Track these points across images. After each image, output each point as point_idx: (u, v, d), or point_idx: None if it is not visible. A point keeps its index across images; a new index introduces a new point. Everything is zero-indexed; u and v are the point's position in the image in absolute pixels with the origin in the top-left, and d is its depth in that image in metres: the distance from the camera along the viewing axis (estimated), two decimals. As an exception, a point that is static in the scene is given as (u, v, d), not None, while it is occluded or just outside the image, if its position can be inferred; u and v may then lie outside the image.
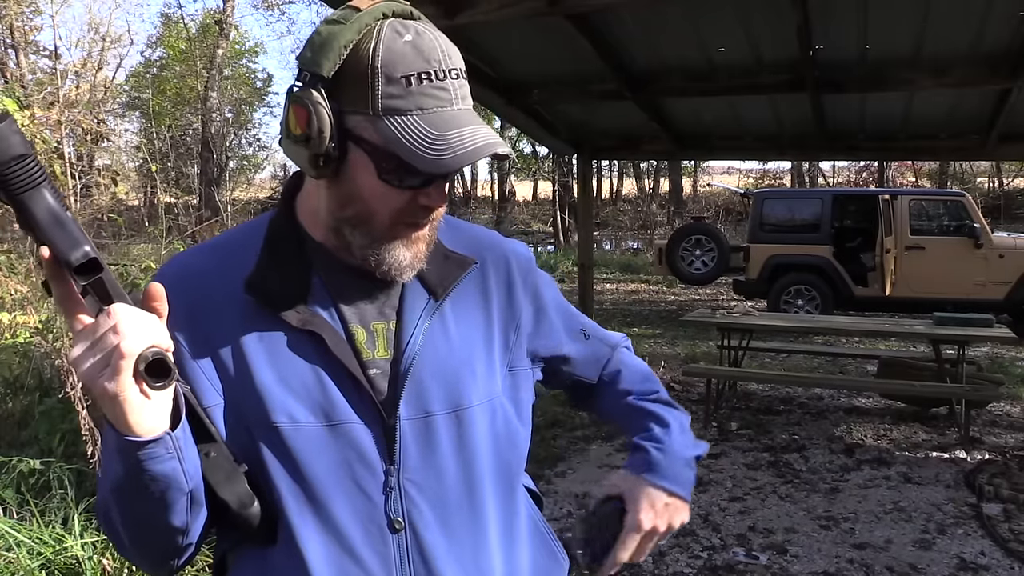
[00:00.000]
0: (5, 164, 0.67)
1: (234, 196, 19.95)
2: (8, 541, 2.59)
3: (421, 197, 0.85)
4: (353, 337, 0.90)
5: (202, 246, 0.99)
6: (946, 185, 23.45)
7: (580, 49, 4.54)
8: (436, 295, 0.94)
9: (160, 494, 0.75)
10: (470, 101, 0.86)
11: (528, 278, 1.05)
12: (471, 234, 1.05)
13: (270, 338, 0.88)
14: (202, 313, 0.88)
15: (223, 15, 21.63)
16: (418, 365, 0.90)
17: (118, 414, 0.70)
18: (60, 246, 0.69)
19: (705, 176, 33.26)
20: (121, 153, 15.91)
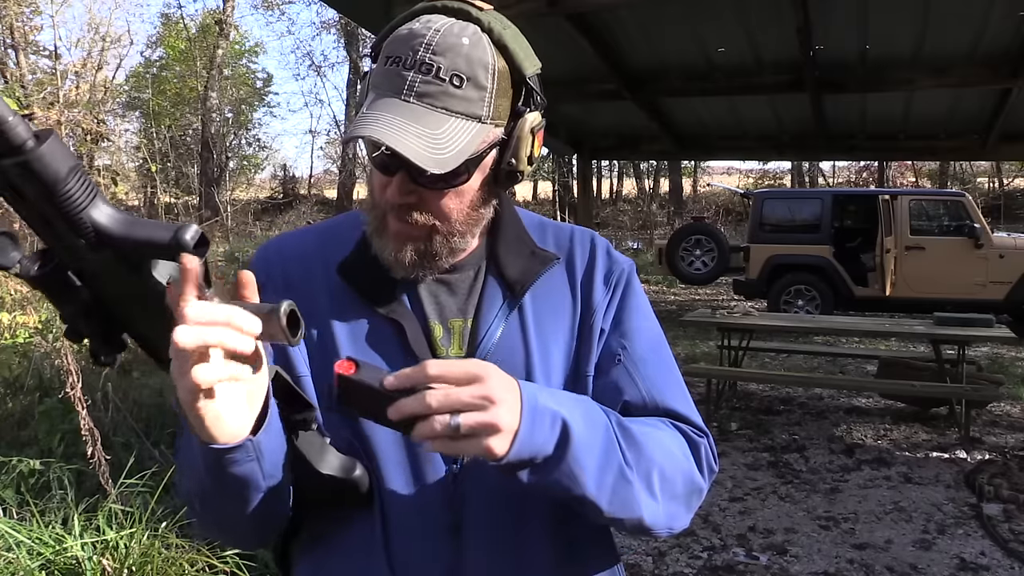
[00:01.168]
0: (66, 177, 0.60)
1: (234, 196, 19.98)
2: (8, 541, 2.59)
3: (388, 188, 0.85)
4: (431, 333, 0.91)
5: (308, 228, 1.03)
6: (946, 185, 23.46)
7: (580, 49, 4.54)
8: (515, 292, 0.93)
9: (237, 492, 0.76)
10: (438, 101, 0.81)
11: (610, 279, 0.98)
12: (562, 231, 1.02)
13: (356, 322, 0.90)
14: (298, 287, 0.91)
15: (223, 15, 21.65)
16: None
17: (196, 421, 0.67)
18: (159, 235, 0.63)
19: (705, 176, 33.27)
20: (121, 153, 15.89)
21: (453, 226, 0.88)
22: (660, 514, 0.86)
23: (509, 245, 0.95)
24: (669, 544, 3.51)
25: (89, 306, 0.68)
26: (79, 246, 0.63)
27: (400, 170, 0.83)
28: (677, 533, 0.92)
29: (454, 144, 0.81)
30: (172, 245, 0.62)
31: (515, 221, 0.99)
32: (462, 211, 0.88)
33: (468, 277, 0.94)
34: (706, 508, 3.92)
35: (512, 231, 0.97)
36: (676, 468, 0.88)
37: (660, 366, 0.97)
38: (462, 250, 0.92)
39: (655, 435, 0.88)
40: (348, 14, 6.03)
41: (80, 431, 2.94)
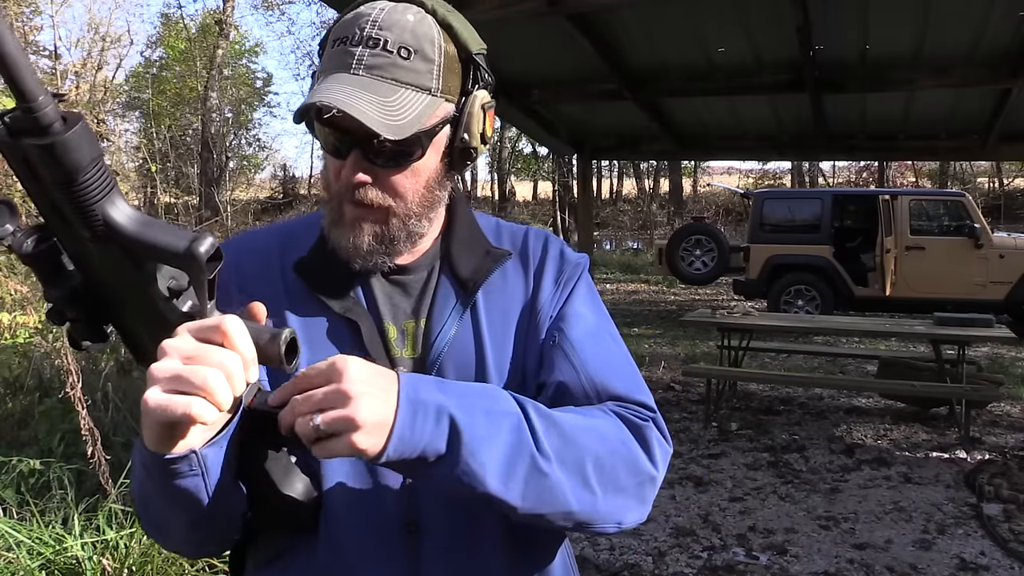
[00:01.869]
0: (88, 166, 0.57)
1: (234, 196, 19.95)
2: (8, 541, 2.59)
3: (343, 171, 0.85)
4: (385, 334, 0.91)
5: (269, 227, 1.02)
6: (946, 185, 23.46)
7: (580, 49, 4.54)
8: (467, 290, 0.93)
9: (178, 503, 0.74)
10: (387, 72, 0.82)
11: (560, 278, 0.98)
12: (517, 231, 1.03)
13: (313, 321, 0.89)
14: (256, 289, 0.90)
15: (223, 15, 21.64)
16: (444, 364, 0.90)
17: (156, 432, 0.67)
18: (174, 242, 0.60)
19: (705, 176, 33.27)
20: (121, 153, 15.89)
21: (409, 207, 0.88)
22: (600, 507, 0.81)
23: (463, 244, 0.96)
24: (669, 544, 3.51)
25: (78, 292, 0.66)
26: (83, 236, 0.62)
27: (354, 150, 0.83)
28: (631, 527, 0.87)
29: (406, 113, 0.82)
30: (186, 256, 0.60)
31: (469, 221, 0.99)
32: (417, 191, 0.88)
33: (421, 278, 0.94)
34: (706, 508, 3.92)
35: (466, 231, 0.97)
36: (615, 457, 0.83)
37: (598, 349, 0.93)
38: (419, 235, 0.91)
39: (588, 423, 0.83)
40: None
41: (80, 431, 2.94)
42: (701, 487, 4.21)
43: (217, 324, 0.64)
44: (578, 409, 0.86)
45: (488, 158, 27.26)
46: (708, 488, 4.20)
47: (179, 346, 0.64)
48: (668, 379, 6.73)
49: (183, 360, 0.63)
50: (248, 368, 0.66)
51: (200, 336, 0.64)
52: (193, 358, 0.63)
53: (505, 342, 0.93)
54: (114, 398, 4.06)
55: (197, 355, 0.63)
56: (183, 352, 0.63)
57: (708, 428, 5.29)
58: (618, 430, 0.86)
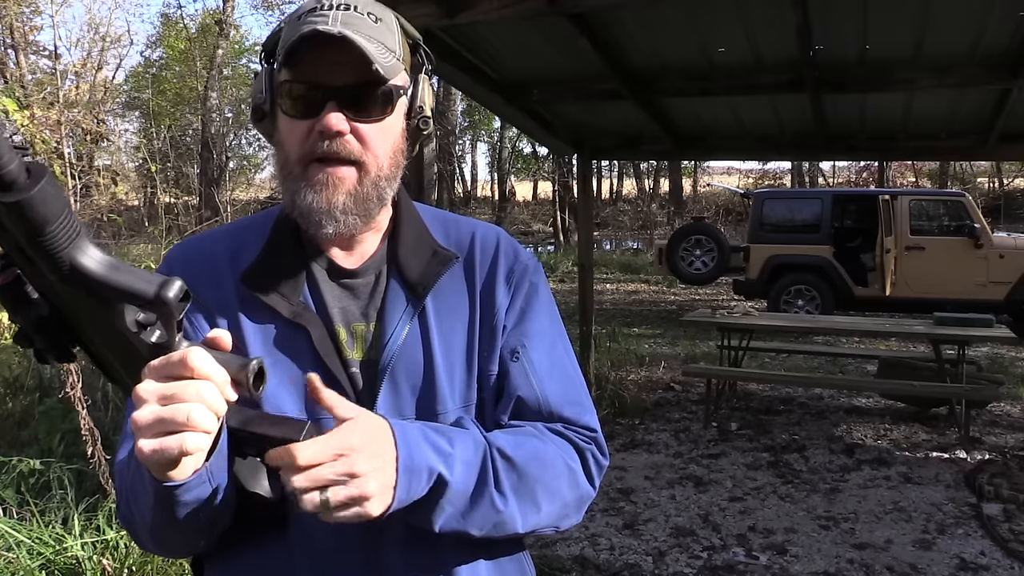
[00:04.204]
0: (55, 218, 0.58)
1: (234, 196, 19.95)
2: (8, 541, 2.59)
3: (316, 125, 0.86)
4: (336, 336, 0.92)
5: (216, 230, 1.02)
6: (946, 185, 23.45)
7: (580, 49, 4.54)
8: (416, 293, 0.93)
9: (191, 514, 0.77)
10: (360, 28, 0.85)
11: (512, 277, 0.99)
12: (465, 227, 1.02)
13: (264, 328, 0.90)
14: (206, 298, 0.91)
15: (223, 15, 21.64)
16: (395, 368, 0.91)
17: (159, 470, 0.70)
18: (143, 287, 0.62)
19: (705, 176, 33.27)
20: (121, 153, 15.89)
21: (380, 165, 0.90)
22: (543, 520, 0.92)
23: (409, 246, 0.96)
24: (669, 544, 3.51)
25: (44, 321, 0.67)
26: (51, 277, 0.62)
27: (329, 102, 0.86)
28: (566, 529, 0.97)
29: (385, 60, 0.86)
30: (155, 302, 0.62)
31: (414, 219, 1.00)
32: (386, 151, 0.90)
33: (370, 281, 0.95)
34: (706, 508, 3.92)
35: (412, 231, 0.98)
36: (560, 479, 0.93)
37: (554, 370, 0.99)
38: (384, 202, 0.93)
39: (540, 454, 0.91)
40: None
41: (80, 431, 2.95)
42: (701, 487, 4.21)
43: (183, 359, 0.65)
44: (533, 430, 0.94)
45: (488, 158, 27.23)
46: (708, 488, 4.20)
47: (152, 389, 0.65)
48: (668, 379, 6.73)
49: (160, 402, 0.65)
50: (224, 390, 0.67)
51: (168, 374, 0.66)
52: (170, 397, 0.65)
53: (454, 344, 0.95)
54: (114, 398, 4.06)
55: (174, 394, 0.65)
56: (158, 394, 0.65)
57: (708, 428, 5.29)
58: (564, 454, 0.94)
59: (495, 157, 27.13)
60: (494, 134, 29.82)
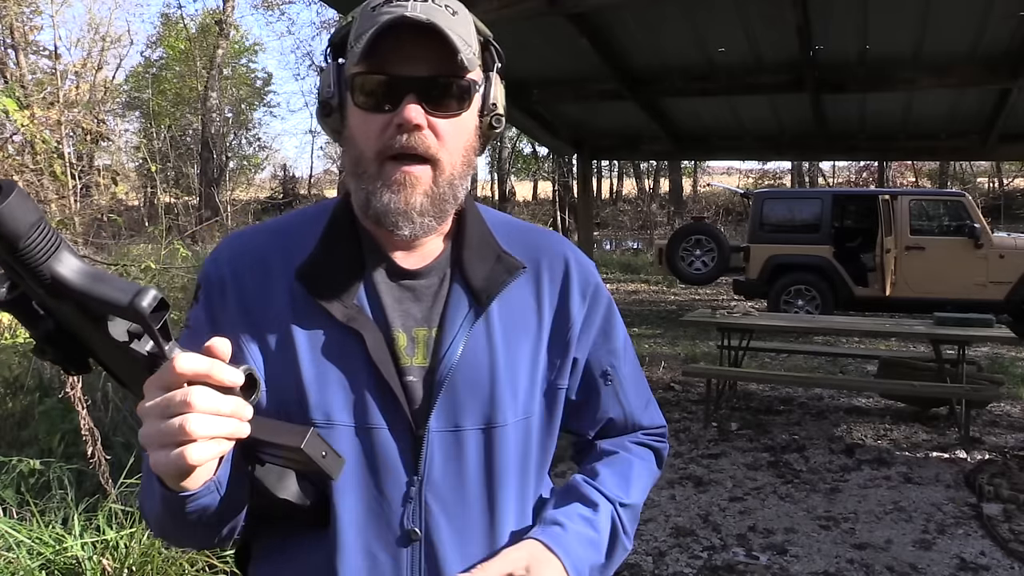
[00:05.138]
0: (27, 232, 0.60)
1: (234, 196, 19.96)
2: (8, 541, 2.59)
3: (394, 119, 0.83)
4: (394, 342, 0.88)
5: (264, 227, 0.98)
6: (946, 185, 23.45)
7: (580, 49, 4.54)
8: (480, 301, 0.90)
9: (197, 518, 0.77)
10: (442, 21, 0.82)
11: (587, 291, 0.99)
12: (531, 235, 1.00)
13: (316, 331, 0.87)
14: (254, 298, 0.89)
15: (223, 15, 21.64)
16: (454, 377, 0.88)
17: (169, 481, 0.71)
18: (117, 297, 0.63)
19: (705, 176, 33.27)
20: (121, 153, 15.89)
21: (455, 163, 0.87)
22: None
23: (474, 250, 0.94)
24: (669, 544, 3.51)
25: (52, 334, 0.69)
26: (38, 292, 0.64)
27: (407, 95, 0.83)
28: None
29: (464, 51, 0.83)
30: (129, 310, 0.63)
31: (479, 222, 0.97)
32: (460, 148, 0.88)
33: (433, 283, 0.92)
34: (706, 508, 3.92)
35: (476, 234, 0.95)
36: (643, 496, 1.03)
37: (638, 383, 1.04)
38: (456, 203, 0.90)
39: (643, 485, 1.03)
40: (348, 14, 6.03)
41: (80, 431, 2.94)
42: (701, 487, 4.21)
43: (170, 367, 0.65)
44: (627, 455, 1.03)
45: (488, 158, 27.25)
46: (708, 488, 4.20)
47: (150, 406, 0.66)
48: (668, 379, 6.73)
49: (161, 417, 0.65)
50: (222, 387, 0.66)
51: (162, 385, 0.66)
52: (166, 410, 0.65)
53: (518, 354, 0.93)
54: (114, 398, 4.06)
55: (167, 406, 0.65)
56: (158, 410, 0.65)
57: (708, 428, 5.29)
58: (649, 467, 1.05)
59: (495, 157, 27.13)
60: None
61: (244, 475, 0.81)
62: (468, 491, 0.89)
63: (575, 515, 0.92)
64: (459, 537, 0.88)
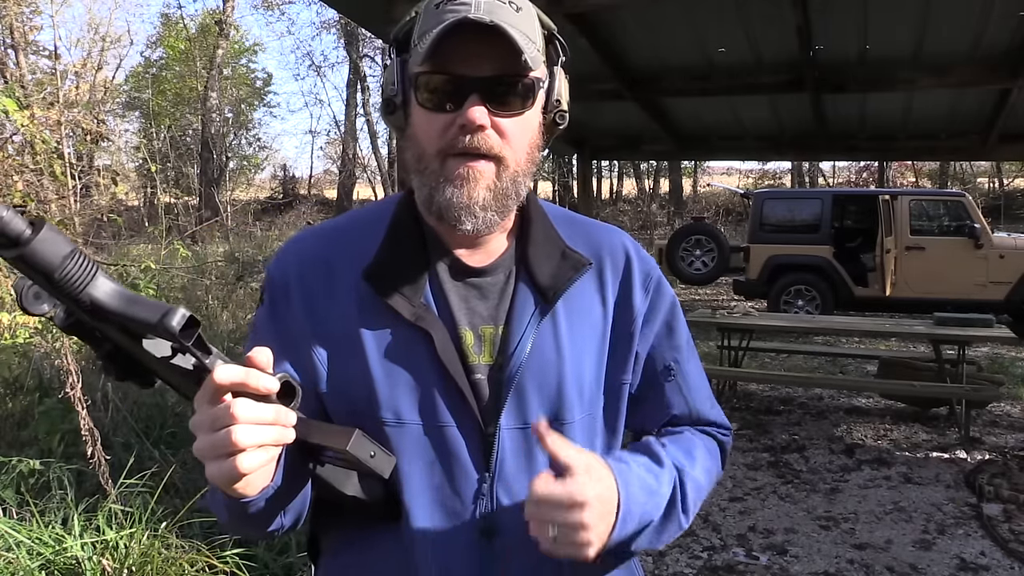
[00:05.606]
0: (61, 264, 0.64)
1: (234, 196, 19.98)
2: (8, 541, 2.59)
3: (458, 119, 0.83)
4: (461, 340, 0.89)
5: (325, 227, 0.98)
6: (946, 185, 23.45)
7: (580, 49, 4.54)
8: (547, 298, 0.91)
9: (259, 516, 0.80)
10: (504, 16, 0.82)
11: (649, 284, 0.99)
12: (592, 230, 1.00)
13: (383, 330, 0.88)
14: (319, 300, 0.89)
15: (223, 15, 21.64)
16: (523, 375, 0.88)
17: (228, 490, 0.72)
18: (148, 317, 0.66)
19: (705, 176, 33.25)
20: (121, 153, 15.90)
21: (520, 160, 0.88)
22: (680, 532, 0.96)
23: (539, 247, 0.94)
24: (669, 544, 3.51)
25: (113, 353, 0.73)
26: (82, 315, 0.68)
27: (471, 95, 0.83)
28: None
29: (530, 52, 0.82)
30: (159, 329, 0.66)
31: (543, 218, 0.97)
32: (524, 147, 0.88)
33: (499, 281, 0.92)
34: (706, 508, 3.92)
35: (541, 231, 0.95)
36: (709, 485, 0.98)
37: (700, 377, 1.03)
38: (519, 199, 0.90)
39: (708, 468, 0.97)
40: (348, 14, 6.02)
41: (80, 431, 2.94)
42: (701, 487, 4.21)
43: (210, 381, 0.67)
44: (693, 438, 0.99)
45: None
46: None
47: (199, 420, 0.69)
48: (668, 379, 6.72)
49: (209, 431, 0.68)
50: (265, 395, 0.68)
51: (208, 399, 0.68)
52: (212, 423, 0.67)
53: (585, 352, 0.93)
54: (114, 398, 4.06)
55: (213, 419, 0.67)
56: (205, 424, 0.68)
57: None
58: (714, 458, 1.01)
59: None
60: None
61: (303, 475, 0.83)
62: None
63: (641, 462, 0.90)
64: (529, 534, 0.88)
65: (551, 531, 0.76)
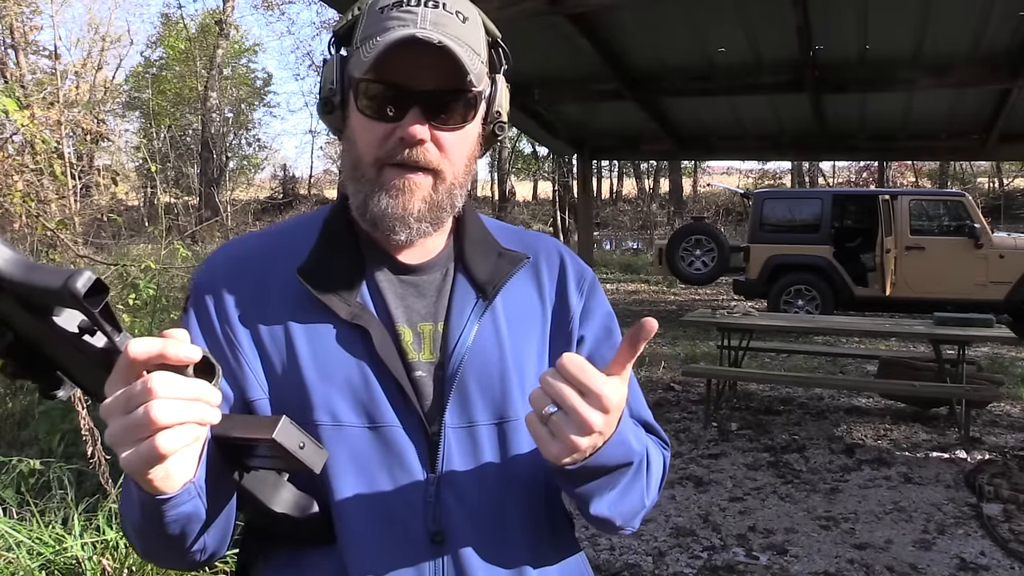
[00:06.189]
0: None
1: (234, 196, 19.99)
2: (8, 541, 2.59)
3: (397, 131, 0.82)
4: (399, 337, 0.87)
5: (260, 233, 0.97)
6: (946, 185, 23.47)
7: (580, 49, 4.54)
8: (485, 293, 0.90)
9: (179, 529, 0.73)
10: (451, 30, 0.81)
11: (583, 285, 0.98)
12: (525, 235, 1.01)
13: (318, 330, 0.85)
14: (252, 302, 0.87)
15: (223, 15, 21.65)
16: (464, 371, 0.87)
17: (144, 482, 0.65)
18: (51, 281, 0.60)
19: (705, 176, 33.28)
20: (121, 153, 15.90)
21: (457, 173, 0.87)
22: (641, 516, 0.91)
23: (475, 245, 0.93)
24: (669, 544, 3.51)
25: (13, 347, 0.66)
26: None
27: (412, 108, 0.82)
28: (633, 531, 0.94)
29: (474, 68, 0.82)
30: (63, 294, 0.59)
31: (478, 221, 0.97)
32: (462, 159, 0.87)
33: (436, 279, 0.91)
34: (706, 508, 3.92)
35: (477, 231, 0.95)
36: (657, 483, 0.94)
37: (636, 384, 0.99)
38: (454, 210, 0.89)
39: (656, 455, 0.94)
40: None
41: (80, 431, 2.94)
42: (701, 487, 4.21)
43: (124, 357, 0.62)
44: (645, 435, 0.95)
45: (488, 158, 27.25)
46: (708, 488, 4.20)
47: (112, 402, 0.62)
48: (668, 379, 6.73)
49: (124, 412, 0.61)
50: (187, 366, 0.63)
51: (120, 379, 0.62)
52: (126, 403, 0.61)
53: (525, 347, 0.92)
54: (114, 398, 4.06)
55: (128, 398, 0.61)
56: (119, 405, 0.62)
57: (708, 428, 5.29)
58: (660, 461, 0.97)
59: (495, 157, 27.14)
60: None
61: (228, 483, 0.78)
62: (486, 489, 0.87)
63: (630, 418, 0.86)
64: (480, 536, 0.86)
65: (551, 408, 0.70)
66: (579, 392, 0.69)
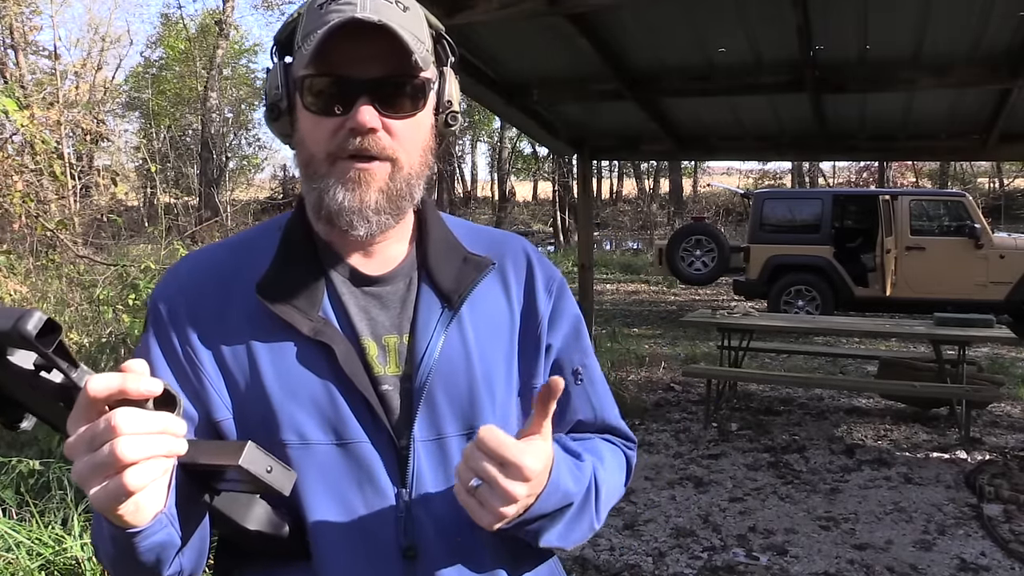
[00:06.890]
0: None
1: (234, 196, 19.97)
2: (8, 542, 2.59)
3: (347, 123, 0.80)
4: (364, 351, 0.85)
5: (220, 244, 0.94)
6: (946, 185, 23.47)
7: (580, 49, 4.54)
8: (451, 303, 0.88)
9: (154, 558, 0.72)
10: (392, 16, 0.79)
11: (552, 287, 0.97)
12: (492, 236, 0.99)
13: (280, 348, 0.83)
14: (213, 319, 0.85)
15: (223, 15, 21.64)
16: (433, 383, 0.85)
17: (115, 517, 0.65)
18: (1, 323, 0.59)
19: (705, 176, 33.28)
20: (121, 153, 15.91)
21: (413, 163, 0.85)
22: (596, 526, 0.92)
23: (439, 252, 0.91)
24: (669, 544, 3.51)
25: None
26: None
27: (360, 97, 0.80)
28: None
29: (418, 51, 0.80)
30: (14, 336, 0.59)
31: (440, 225, 0.95)
32: (416, 148, 0.85)
33: (399, 289, 0.89)
34: (706, 508, 3.92)
35: (439, 236, 0.93)
36: (617, 494, 0.96)
37: (604, 385, 1.00)
38: (414, 201, 0.87)
39: (614, 475, 0.95)
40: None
41: (80, 431, 2.94)
42: (701, 487, 4.21)
43: (84, 395, 0.61)
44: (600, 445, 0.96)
45: (488, 158, 27.24)
46: (708, 488, 4.20)
47: (76, 440, 0.62)
48: (668, 379, 6.72)
49: (89, 450, 0.61)
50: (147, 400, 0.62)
51: (82, 417, 0.62)
52: (91, 441, 0.61)
53: (493, 354, 0.90)
54: (114, 398, 4.05)
55: (92, 437, 0.61)
56: (83, 443, 0.61)
57: (708, 428, 5.29)
58: (622, 467, 0.98)
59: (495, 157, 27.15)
60: (494, 134, 29.84)
61: (199, 506, 0.77)
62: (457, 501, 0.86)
63: (560, 447, 0.86)
64: (451, 549, 0.85)
65: (475, 482, 0.72)
66: (499, 465, 0.71)
